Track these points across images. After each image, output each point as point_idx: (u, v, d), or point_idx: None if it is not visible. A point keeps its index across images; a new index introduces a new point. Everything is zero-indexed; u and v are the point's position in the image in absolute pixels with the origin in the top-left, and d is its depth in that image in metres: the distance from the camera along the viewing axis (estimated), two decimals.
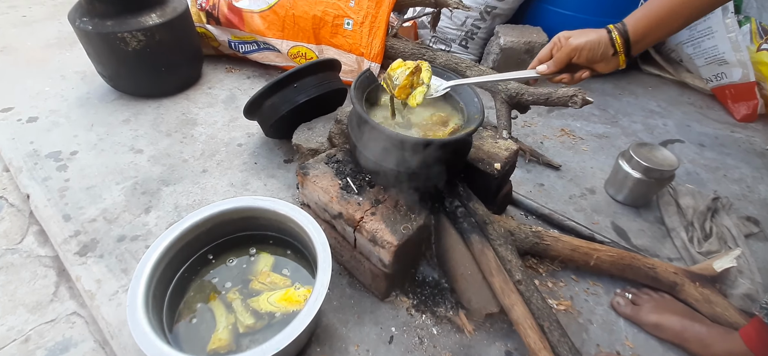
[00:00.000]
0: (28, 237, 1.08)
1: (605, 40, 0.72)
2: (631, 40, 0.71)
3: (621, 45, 0.71)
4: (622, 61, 0.73)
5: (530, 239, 1.00)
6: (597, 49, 0.72)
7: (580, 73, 0.77)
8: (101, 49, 1.42)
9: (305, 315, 0.71)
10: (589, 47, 0.72)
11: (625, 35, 0.71)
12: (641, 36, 0.71)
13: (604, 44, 0.72)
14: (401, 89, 0.83)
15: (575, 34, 0.74)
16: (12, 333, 0.87)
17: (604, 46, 0.72)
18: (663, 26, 0.70)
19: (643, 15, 0.70)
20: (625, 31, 0.71)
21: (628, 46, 0.71)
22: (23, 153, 1.28)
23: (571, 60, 0.75)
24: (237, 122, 1.49)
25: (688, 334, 0.89)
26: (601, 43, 0.72)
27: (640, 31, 0.70)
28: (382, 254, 0.84)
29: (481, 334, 0.92)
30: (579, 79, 0.77)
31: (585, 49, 0.73)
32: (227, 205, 0.89)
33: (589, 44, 0.72)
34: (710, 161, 1.48)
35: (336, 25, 1.50)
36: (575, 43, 0.73)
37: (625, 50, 0.71)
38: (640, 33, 0.71)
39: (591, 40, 0.72)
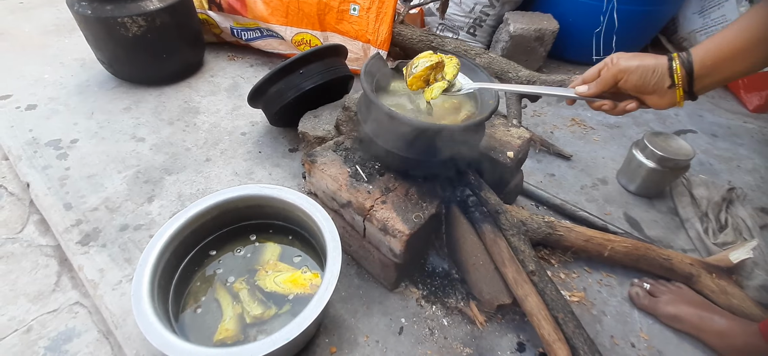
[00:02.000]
0: (29, 226, 1.05)
1: (662, 68, 0.61)
2: (696, 73, 0.59)
3: (681, 78, 0.60)
4: (679, 97, 0.61)
5: (543, 229, 0.97)
6: (649, 77, 0.61)
7: (625, 103, 0.66)
8: (101, 35, 1.38)
9: (315, 305, 0.69)
10: (640, 72, 0.61)
11: (689, 67, 0.59)
12: (709, 70, 0.59)
13: (660, 73, 0.61)
14: (415, 79, 0.79)
15: (629, 55, 0.64)
16: (13, 323, 0.85)
17: (659, 75, 0.61)
18: (738, 61, 0.58)
19: (714, 46, 0.59)
20: (689, 61, 0.60)
21: (690, 81, 0.60)
22: (22, 141, 1.25)
23: (617, 84, 0.64)
24: (240, 111, 1.46)
25: (706, 326, 0.87)
26: (657, 70, 0.61)
27: (708, 64, 0.59)
28: (393, 244, 0.82)
29: (493, 325, 0.90)
30: (623, 111, 0.66)
31: (634, 74, 0.62)
32: (233, 193, 0.86)
33: (640, 69, 0.61)
34: (723, 152, 1.46)
35: (342, 11, 1.47)
36: (624, 65, 0.62)
37: (686, 85, 0.60)
38: (708, 66, 0.59)
39: (644, 64, 0.61)
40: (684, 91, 0.60)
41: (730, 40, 0.58)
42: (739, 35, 0.57)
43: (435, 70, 0.80)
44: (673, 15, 1.87)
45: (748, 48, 0.57)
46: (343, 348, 0.84)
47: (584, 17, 1.70)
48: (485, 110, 0.81)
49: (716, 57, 0.58)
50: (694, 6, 1.82)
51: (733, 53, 0.58)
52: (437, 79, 0.80)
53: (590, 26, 1.72)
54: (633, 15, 1.62)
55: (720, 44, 0.58)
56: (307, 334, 0.77)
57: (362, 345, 0.85)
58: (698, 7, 1.81)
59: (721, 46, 0.58)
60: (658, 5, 1.65)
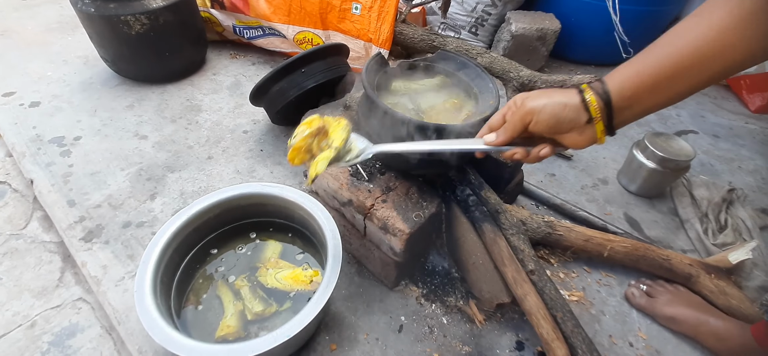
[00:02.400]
0: (33, 223, 1.06)
1: (574, 103, 0.52)
2: (615, 105, 0.51)
3: (598, 110, 0.51)
4: (599, 133, 0.53)
5: (542, 229, 0.98)
6: (561, 115, 0.53)
7: (538, 148, 0.58)
8: (104, 33, 1.39)
9: (316, 303, 0.69)
10: (550, 111, 0.53)
11: (606, 97, 0.51)
12: (629, 101, 0.50)
13: (573, 109, 0.52)
14: (295, 152, 0.66)
15: (534, 93, 0.56)
16: (18, 318, 0.86)
17: (572, 110, 0.52)
18: (661, 91, 0.49)
19: (634, 72, 0.50)
20: (605, 92, 0.51)
21: (609, 113, 0.51)
22: (26, 138, 1.26)
23: (526, 128, 0.56)
24: (242, 109, 1.47)
25: (703, 328, 0.88)
26: (568, 106, 0.53)
27: (627, 93, 0.50)
28: (394, 243, 0.82)
29: (492, 324, 0.91)
30: (537, 158, 0.59)
31: (544, 114, 0.54)
32: (235, 191, 0.87)
33: (549, 107, 0.53)
34: (725, 152, 1.46)
35: (344, 10, 1.47)
36: (530, 106, 0.55)
37: (606, 118, 0.52)
38: (627, 96, 0.50)
39: (553, 101, 0.53)
40: (605, 125, 0.52)
41: (654, 65, 0.48)
42: (665, 59, 0.48)
43: (318, 137, 0.67)
44: (676, 14, 1.87)
45: (675, 75, 0.48)
46: (343, 345, 0.84)
47: (587, 17, 1.70)
48: (485, 110, 0.82)
49: (638, 85, 0.49)
50: (697, 6, 1.82)
51: (657, 80, 0.48)
52: (323, 148, 0.66)
53: (593, 26, 1.71)
54: (635, 15, 1.62)
55: (642, 71, 0.49)
56: (308, 331, 0.78)
57: (362, 342, 0.85)
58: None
59: (642, 72, 0.49)
60: (661, 5, 1.65)
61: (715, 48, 0.45)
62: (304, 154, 0.67)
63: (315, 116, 0.68)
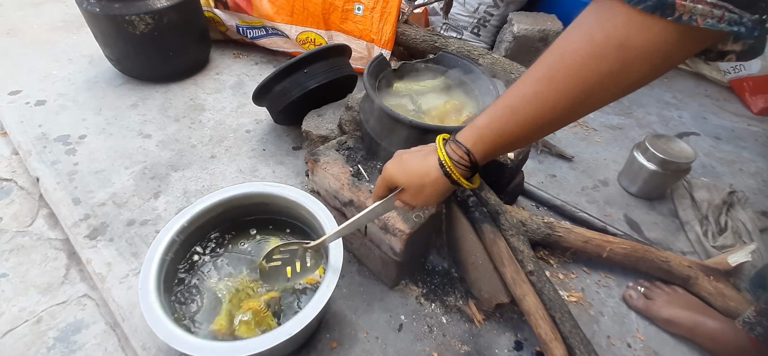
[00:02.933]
0: (39, 220, 1.08)
1: (435, 173, 0.55)
2: (480, 163, 0.54)
3: (465, 170, 0.54)
4: (476, 182, 0.58)
5: (542, 230, 0.99)
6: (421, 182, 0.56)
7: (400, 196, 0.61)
8: (109, 32, 1.40)
9: (317, 301, 0.70)
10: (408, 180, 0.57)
11: (472, 164, 0.53)
12: (490, 156, 0.54)
13: (443, 188, 0.56)
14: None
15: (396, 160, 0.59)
16: (24, 314, 0.88)
17: (444, 188, 0.56)
18: (518, 144, 0.51)
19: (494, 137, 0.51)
20: (470, 159, 0.53)
21: (474, 168, 0.54)
22: (32, 136, 1.28)
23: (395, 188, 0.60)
24: (245, 108, 1.48)
25: (700, 330, 0.88)
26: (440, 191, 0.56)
27: (489, 153, 0.53)
28: (394, 243, 0.83)
29: (491, 324, 0.91)
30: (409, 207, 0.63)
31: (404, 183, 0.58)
32: (238, 190, 0.88)
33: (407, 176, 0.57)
34: (726, 155, 1.46)
35: (346, 10, 1.48)
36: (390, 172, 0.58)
37: (468, 175, 0.55)
38: (489, 154, 0.53)
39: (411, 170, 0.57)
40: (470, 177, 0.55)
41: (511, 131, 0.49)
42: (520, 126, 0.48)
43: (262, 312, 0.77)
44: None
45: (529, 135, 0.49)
46: (343, 343, 0.85)
47: None
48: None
49: (496, 147, 0.52)
50: None
51: (512, 142, 0.51)
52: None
53: None
54: None
55: (500, 135, 0.50)
56: (309, 329, 0.78)
57: (362, 340, 0.86)
58: None
59: (501, 136, 0.50)
60: None
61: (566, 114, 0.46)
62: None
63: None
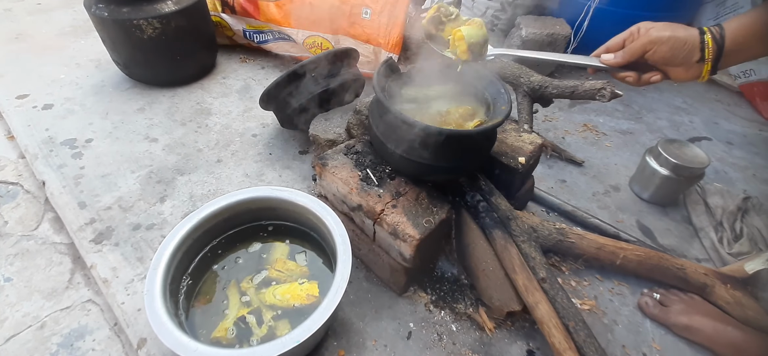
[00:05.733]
0: (44, 224, 1.07)
1: (693, 41, 0.59)
2: (726, 49, 0.58)
3: (712, 51, 0.58)
4: (706, 71, 0.60)
5: (554, 236, 0.96)
6: (680, 49, 0.60)
7: (649, 74, 0.65)
8: (117, 36, 1.41)
9: (325, 308, 0.69)
10: (671, 44, 0.60)
11: (721, 42, 0.58)
12: (738, 46, 0.58)
13: (691, 45, 0.59)
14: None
15: (659, 25, 0.62)
16: (28, 319, 0.87)
17: (690, 47, 0.60)
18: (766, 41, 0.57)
19: (748, 22, 0.57)
20: (721, 36, 0.58)
21: (718, 55, 0.59)
22: (39, 140, 1.27)
23: (644, 54, 0.63)
24: (251, 113, 1.47)
25: (721, 338, 0.85)
26: (688, 43, 0.60)
27: (739, 40, 0.57)
28: (403, 248, 0.82)
29: (502, 332, 0.89)
30: (646, 82, 0.65)
31: (665, 45, 0.60)
32: (245, 195, 0.87)
33: (672, 40, 0.60)
34: (739, 160, 1.43)
35: (353, 15, 1.47)
36: (656, 35, 0.61)
37: (714, 59, 0.59)
38: (738, 42, 0.58)
39: (676, 35, 0.60)
40: (712, 64, 0.59)
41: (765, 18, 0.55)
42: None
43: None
44: (687, 22, 1.85)
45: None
46: (351, 351, 0.84)
47: (597, 22, 1.68)
48: (497, 116, 0.81)
49: (748, 34, 0.57)
50: (709, 11, 1.80)
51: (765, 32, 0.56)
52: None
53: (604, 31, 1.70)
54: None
55: (755, 22, 0.56)
56: (317, 337, 0.77)
57: (370, 349, 0.84)
58: (713, 14, 1.78)
59: (755, 24, 0.56)
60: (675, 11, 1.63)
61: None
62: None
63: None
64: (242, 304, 0.80)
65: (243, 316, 0.78)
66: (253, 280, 0.84)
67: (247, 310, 0.79)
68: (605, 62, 0.67)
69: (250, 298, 0.81)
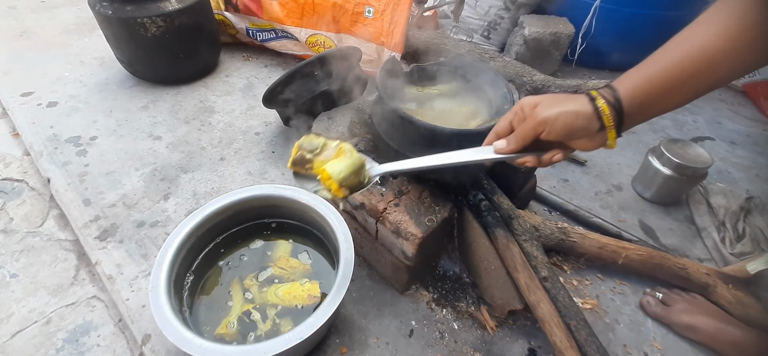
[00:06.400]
0: (49, 221, 1.08)
1: (586, 111, 0.52)
2: (626, 112, 0.51)
3: (611, 118, 0.51)
4: (611, 139, 0.53)
5: (556, 235, 0.97)
6: (573, 123, 0.53)
7: (550, 154, 0.58)
8: (121, 34, 1.41)
9: (327, 306, 0.69)
10: (563, 120, 0.53)
11: (618, 105, 0.51)
12: (640, 107, 0.51)
13: (586, 117, 0.52)
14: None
15: (545, 101, 0.55)
16: (33, 315, 0.88)
17: (585, 119, 0.52)
18: (669, 96, 0.50)
19: (643, 79, 0.51)
20: (615, 98, 0.51)
21: (620, 120, 0.52)
22: (43, 137, 1.28)
23: (538, 136, 0.56)
24: (254, 111, 1.48)
25: (723, 337, 0.86)
26: (581, 116, 0.52)
27: (638, 100, 0.51)
28: (406, 247, 0.82)
29: (504, 331, 0.90)
30: (549, 163, 0.59)
31: (557, 123, 0.53)
32: (248, 193, 0.88)
33: (563, 117, 0.53)
34: (742, 160, 1.43)
35: (356, 13, 1.47)
36: (543, 115, 0.54)
37: (616, 124, 0.52)
38: (638, 103, 0.51)
39: (566, 110, 0.53)
40: (616, 131, 0.53)
41: (662, 72, 0.49)
42: (672, 67, 0.49)
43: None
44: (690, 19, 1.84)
45: (681, 82, 0.49)
46: (353, 348, 0.84)
47: (601, 21, 1.68)
48: (500, 115, 0.81)
49: (647, 92, 0.50)
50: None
51: (666, 87, 0.49)
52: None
53: (607, 30, 1.69)
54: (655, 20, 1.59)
55: (651, 78, 0.50)
56: (319, 334, 0.78)
57: (373, 346, 0.85)
58: None
59: (651, 79, 0.50)
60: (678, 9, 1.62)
61: (723, 53, 0.46)
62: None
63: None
64: (246, 301, 0.81)
65: (248, 311, 0.79)
66: (256, 277, 0.84)
67: (251, 306, 0.80)
68: (499, 151, 0.60)
69: (254, 295, 0.82)
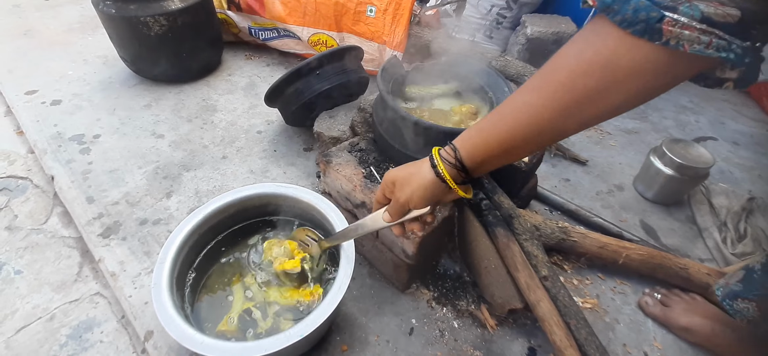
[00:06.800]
0: (53, 218, 1.09)
1: (433, 182, 0.55)
2: (469, 167, 0.54)
3: (454, 181, 0.55)
4: (461, 193, 0.56)
5: (556, 234, 0.97)
6: (427, 195, 0.56)
7: (411, 224, 0.62)
8: (124, 33, 1.42)
9: (328, 303, 0.69)
10: (420, 196, 0.57)
11: (460, 165, 0.54)
12: (480, 164, 0.54)
13: (434, 186, 0.56)
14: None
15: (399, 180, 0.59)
16: (37, 311, 0.89)
17: (434, 187, 0.56)
18: (507, 156, 0.52)
19: (482, 141, 0.53)
20: (458, 160, 0.54)
21: (465, 175, 0.55)
22: (47, 135, 1.29)
23: (406, 210, 0.60)
24: (256, 109, 1.49)
25: (720, 339, 0.86)
26: (430, 186, 0.56)
27: (478, 159, 0.53)
28: (406, 245, 0.82)
29: (504, 329, 0.90)
30: (411, 231, 0.63)
31: (415, 199, 0.57)
32: (250, 191, 0.88)
33: (417, 194, 0.57)
34: (745, 160, 1.42)
35: (358, 13, 1.48)
36: (404, 198, 0.58)
37: (464, 179, 0.55)
38: (478, 161, 0.54)
39: (417, 187, 0.56)
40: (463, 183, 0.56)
41: (497, 138, 0.51)
42: (506, 134, 0.50)
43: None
44: None
45: (518, 145, 0.50)
46: (354, 346, 0.85)
47: None
48: None
49: (485, 154, 0.53)
50: None
51: (502, 150, 0.51)
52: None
53: None
54: None
55: (487, 140, 0.52)
56: (320, 332, 0.78)
57: (373, 344, 0.85)
58: None
59: (488, 142, 0.52)
60: None
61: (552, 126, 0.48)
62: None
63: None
64: (246, 299, 0.81)
65: (248, 309, 0.79)
66: (257, 275, 0.85)
67: (251, 304, 0.80)
68: (387, 221, 0.64)
69: (254, 293, 0.82)
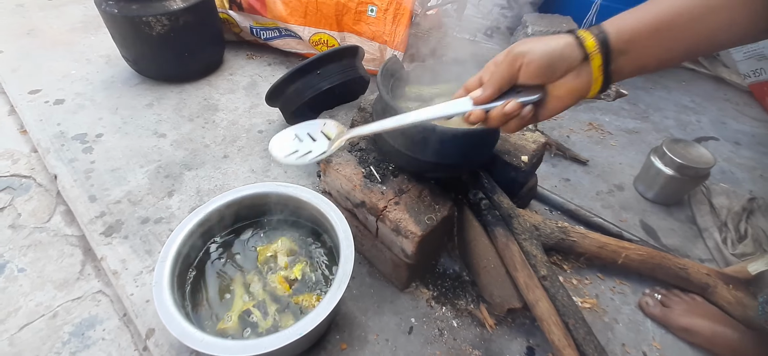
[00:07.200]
0: (56, 217, 1.10)
1: (567, 41, 0.47)
2: (613, 46, 0.46)
3: (594, 45, 0.46)
4: (595, 78, 0.47)
5: (556, 234, 0.97)
6: (554, 55, 0.47)
7: (524, 113, 0.52)
8: (126, 33, 1.43)
9: (327, 302, 0.70)
10: (542, 50, 0.47)
11: (603, 37, 0.46)
12: (627, 44, 0.46)
13: (566, 45, 0.47)
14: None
15: (520, 41, 0.50)
16: (40, 309, 0.89)
17: (565, 46, 0.47)
18: (660, 39, 0.45)
19: (632, 17, 0.46)
20: (601, 32, 0.46)
21: (606, 52, 0.46)
22: (50, 134, 1.30)
23: (516, 76, 0.50)
24: (258, 109, 1.49)
25: (719, 340, 0.86)
26: (560, 43, 0.47)
27: (625, 36, 0.46)
28: (405, 245, 0.83)
29: (503, 329, 0.90)
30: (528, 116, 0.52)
31: (534, 54, 0.47)
32: (251, 190, 0.89)
33: (540, 48, 0.47)
34: (746, 160, 1.42)
35: (359, 12, 1.48)
36: (519, 48, 0.48)
37: (603, 62, 0.46)
38: (625, 39, 0.46)
39: (543, 43, 0.48)
40: (602, 64, 0.46)
41: (654, 11, 0.45)
42: (662, 9, 0.44)
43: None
44: None
45: (674, 23, 0.44)
46: (353, 345, 0.85)
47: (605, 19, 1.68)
48: None
49: (635, 29, 0.45)
50: None
51: (657, 26, 0.44)
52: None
53: None
54: None
55: (639, 16, 0.45)
56: (320, 330, 0.78)
57: (372, 343, 0.86)
58: None
59: (640, 18, 0.45)
60: None
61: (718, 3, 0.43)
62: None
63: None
64: (247, 297, 0.82)
65: (248, 309, 0.80)
66: (257, 274, 0.85)
67: (252, 303, 0.81)
68: (477, 100, 0.53)
69: (255, 292, 0.83)
